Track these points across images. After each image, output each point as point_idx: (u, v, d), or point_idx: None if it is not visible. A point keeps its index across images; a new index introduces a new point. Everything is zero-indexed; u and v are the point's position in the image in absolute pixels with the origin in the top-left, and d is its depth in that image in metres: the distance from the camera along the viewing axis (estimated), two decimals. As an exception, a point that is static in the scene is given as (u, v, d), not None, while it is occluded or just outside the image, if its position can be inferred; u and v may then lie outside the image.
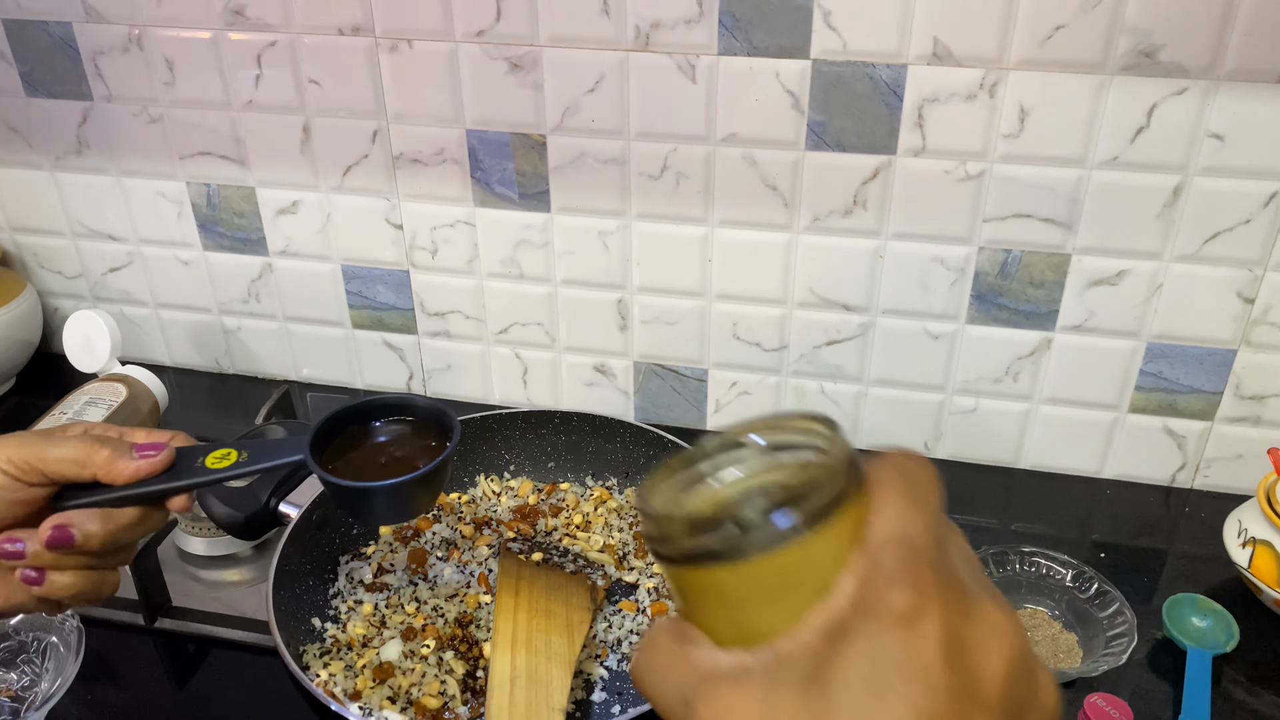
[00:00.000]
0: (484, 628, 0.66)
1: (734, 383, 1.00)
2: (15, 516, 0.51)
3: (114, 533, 0.52)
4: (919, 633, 0.27)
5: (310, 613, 0.68)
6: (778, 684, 0.28)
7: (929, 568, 0.28)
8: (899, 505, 0.29)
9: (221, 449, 0.56)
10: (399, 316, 1.05)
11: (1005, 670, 0.28)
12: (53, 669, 0.74)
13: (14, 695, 0.74)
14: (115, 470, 0.51)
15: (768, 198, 0.89)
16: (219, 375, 1.15)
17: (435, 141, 0.94)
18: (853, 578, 0.28)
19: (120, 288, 1.12)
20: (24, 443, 0.51)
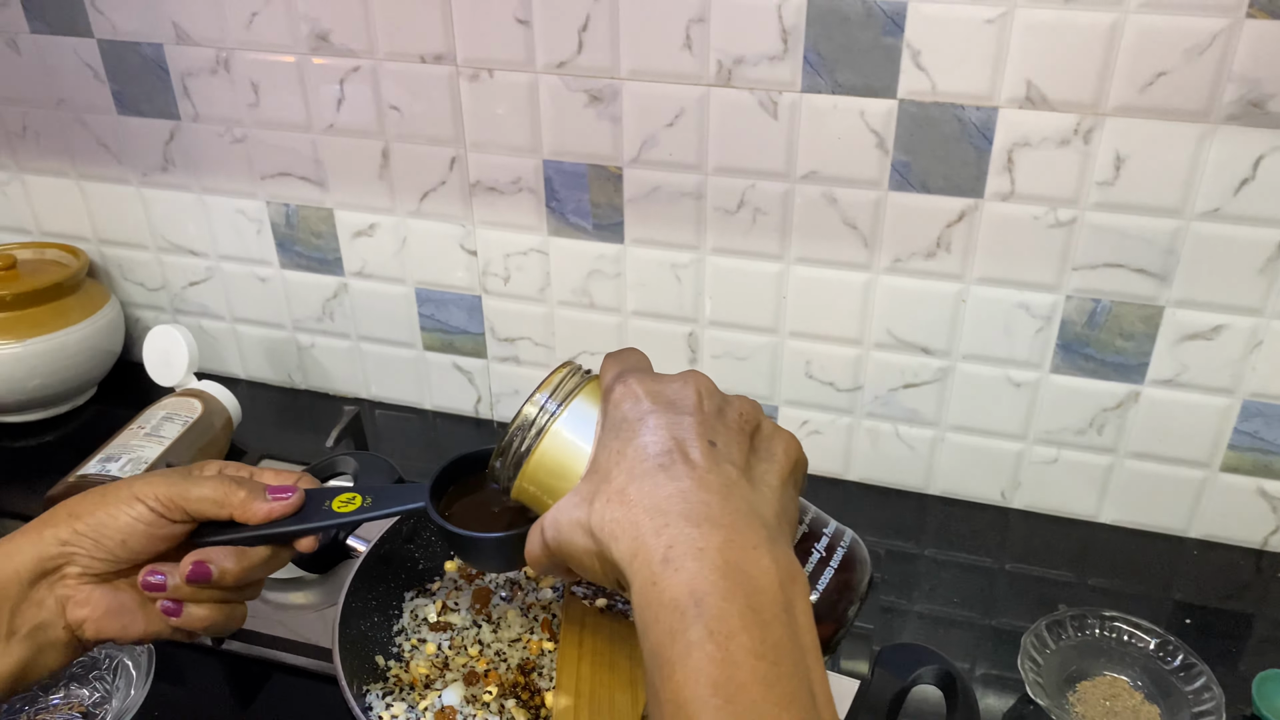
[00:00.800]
0: (547, 676, 0.65)
1: (805, 421, 0.98)
2: (156, 550, 0.55)
3: (247, 570, 0.56)
4: (628, 395, 0.47)
5: (374, 649, 0.68)
6: (583, 483, 0.46)
7: (632, 375, 0.48)
8: (613, 366, 0.50)
9: (347, 493, 0.58)
10: (469, 340, 1.05)
11: (694, 394, 0.46)
12: (123, 688, 0.75)
13: (85, 711, 0.75)
14: (250, 511, 0.56)
15: (847, 236, 0.87)
16: (291, 390, 1.16)
17: (512, 170, 0.94)
18: (599, 411, 0.49)
19: (199, 301, 1.14)
20: (169, 482, 0.55)
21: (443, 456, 1.06)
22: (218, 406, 1.01)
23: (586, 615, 0.69)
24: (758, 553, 0.40)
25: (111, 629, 0.55)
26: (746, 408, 0.47)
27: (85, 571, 0.54)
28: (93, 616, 0.54)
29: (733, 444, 0.45)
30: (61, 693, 0.76)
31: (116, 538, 0.54)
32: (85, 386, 1.12)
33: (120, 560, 0.55)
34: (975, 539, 0.94)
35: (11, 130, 1.09)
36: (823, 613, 0.49)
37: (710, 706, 0.36)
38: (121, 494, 0.55)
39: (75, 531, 0.54)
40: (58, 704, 0.75)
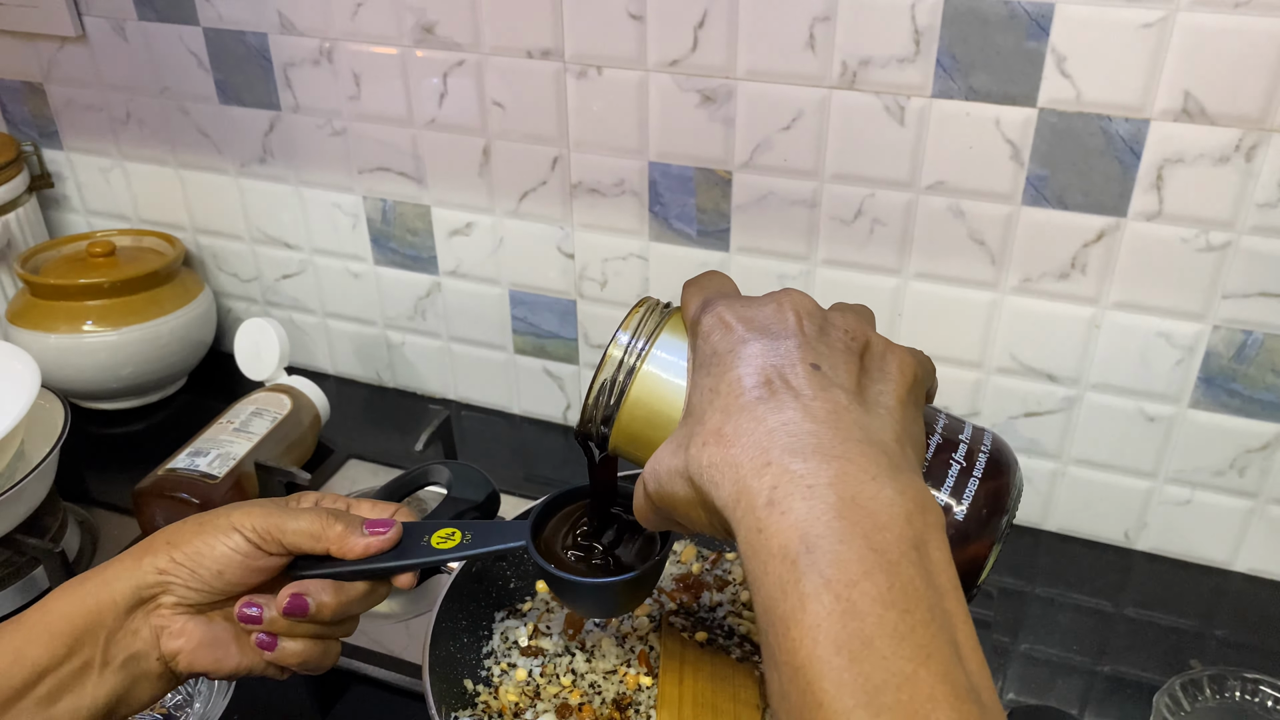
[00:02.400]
0: (644, 714, 0.61)
1: (913, 447, 0.92)
2: (252, 583, 0.54)
3: (344, 605, 0.54)
4: (718, 324, 0.42)
5: (463, 673, 0.65)
6: (680, 428, 0.42)
7: (718, 299, 0.44)
8: (696, 295, 0.46)
9: (446, 528, 0.56)
10: (562, 345, 1.02)
11: (793, 314, 0.41)
12: (205, 692, 0.73)
13: (166, 713, 0.74)
14: (348, 546, 0.54)
15: (973, 253, 0.82)
16: (379, 388, 1.14)
17: (615, 172, 0.90)
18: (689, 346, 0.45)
19: (291, 294, 1.12)
20: (267, 514, 0.53)
21: (529, 462, 1.04)
22: (306, 403, 0.99)
23: (686, 650, 0.65)
24: (877, 484, 0.35)
25: (205, 661, 0.53)
26: (852, 323, 0.42)
27: (181, 602, 0.52)
28: (187, 648, 0.52)
29: (839, 365, 0.40)
30: (144, 693, 0.74)
31: (213, 568, 0.52)
32: (177, 376, 1.11)
33: (216, 591, 0.53)
34: (1094, 581, 0.87)
35: (116, 117, 1.09)
36: (972, 531, 0.42)
37: (833, 668, 0.31)
38: (219, 523, 0.53)
39: (173, 560, 0.52)
40: (140, 704, 0.74)
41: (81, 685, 0.50)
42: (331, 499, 0.57)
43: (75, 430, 1.06)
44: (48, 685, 0.49)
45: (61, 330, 1.02)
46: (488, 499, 0.71)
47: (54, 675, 0.49)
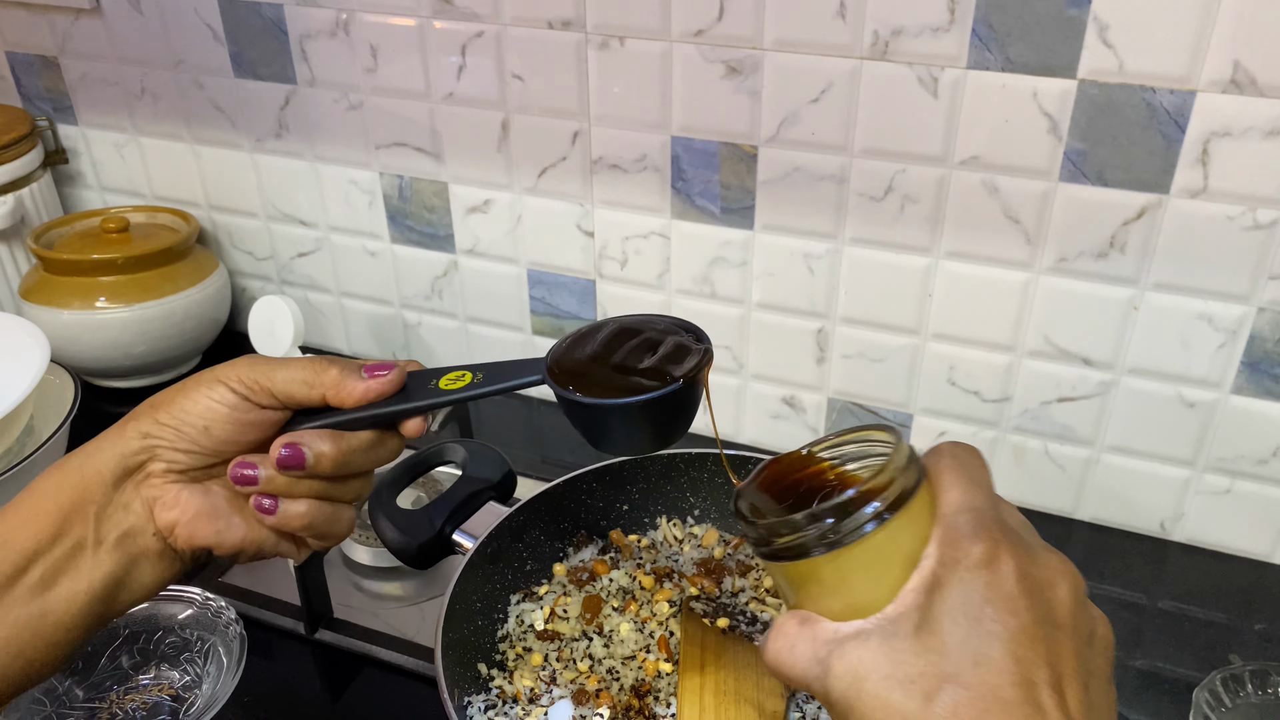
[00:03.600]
0: (664, 701, 0.59)
1: (942, 433, 0.90)
2: (247, 441, 0.50)
3: (346, 454, 0.50)
4: (998, 573, 0.34)
5: (477, 657, 0.63)
6: (894, 636, 0.35)
7: (996, 525, 0.36)
8: (961, 484, 0.37)
9: (455, 370, 0.52)
10: (581, 325, 1.00)
11: (1071, 598, 0.35)
12: (214, 673, 0.71)
13: (175, 694, 0.72)
14: (345, 390, 0.49)
15: (1008, 231, 0.79)
16: (394, 369, 1.12)
17: (637, 147, 0.88)
18: (936, 544, 0.36)
19: (306, 273, 1.10)
20: (253, 364, 0.50)
21: (546, 445, 1.02)
22: (321, 382, 0.97)
23: (707, 637, 0.62)
24: None
25: (205, 533, 0.49)
26: (1109, 635, 0.37)
27: (171, 467, 0.48)
28: (184, 519, 0.48)
29: (1101, 692, 0.35)
30: (152, 673, 0.73)
31: (199, 424, 0.48)
32: (191, 354, 1.10)
33: (206, 451, 0.49)
34: (1128, 572, 0.84)
35: (130, 92, 1.08)
36: None
37: None
38: (203, 378, 0.49)
39: (156, 422, 0.48)
40: (147, 684, 0.73)
41: (75, 568, 0.47)
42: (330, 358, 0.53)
43: (87, 408, 1.05)
44: (39, 570, 0.46)
45: (74, 306, 1.00)
46: (504, 479, 0.69)
47: (45, 559, 0.46)
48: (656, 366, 0.49)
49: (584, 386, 0.49)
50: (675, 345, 0.51)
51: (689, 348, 0.51)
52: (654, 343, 0.51)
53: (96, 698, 0.71)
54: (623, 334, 0.52)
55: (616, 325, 0.53)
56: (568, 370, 0.50)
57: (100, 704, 0.71)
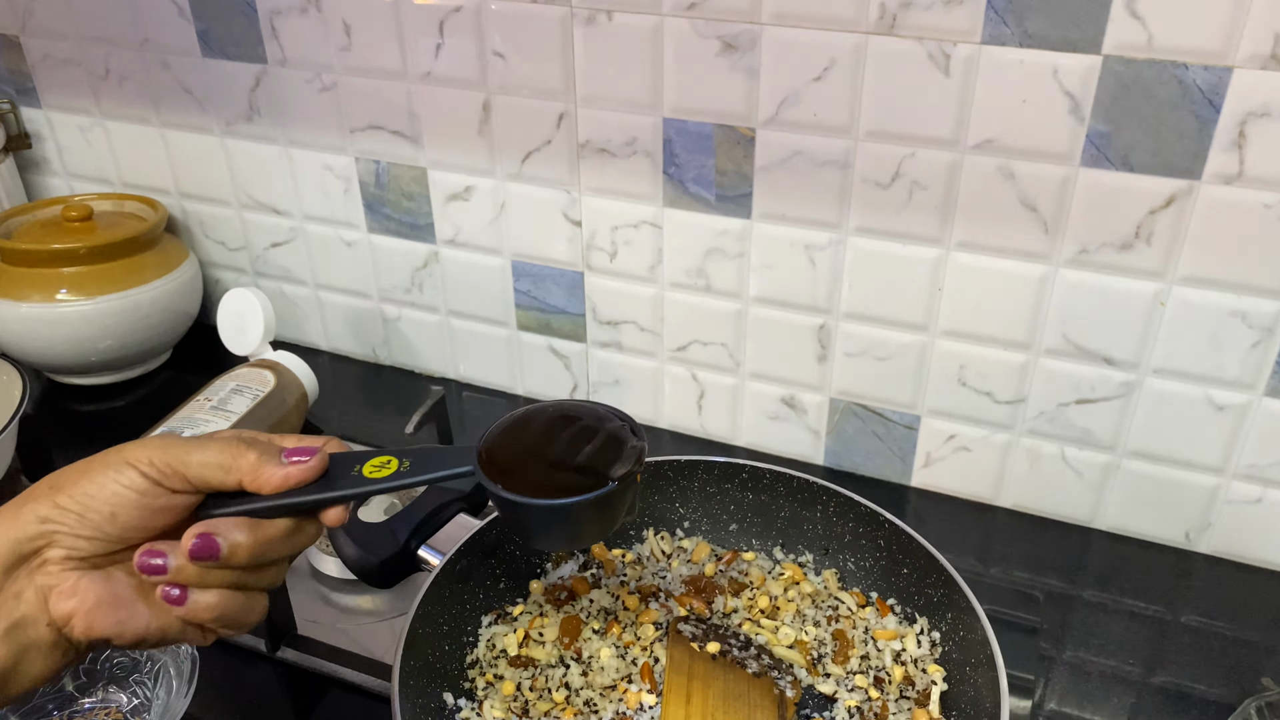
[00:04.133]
0: (646, 738, 0.54)
1: (951, 435, 0.84)
2: (156, 527, 0.46)
3: (263, 544, 0.46)
4: None
5: (443, 685, 0.58)
6: None
7: None
8: None
9: (380, 456, 0.48)
10: (568, 322, 0.94)
11: None
12: (164, 696, 0.66)
13: (122, 718, 0.67)
14: (262, 477, 0.46)
15: (1024, 220, 0.73)
16: (375, 365, 1.07)
17: (627, 130, 0.82)
18: None
19: (281, 264, 1.05)
20: (166, 446, 0.46)
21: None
22: (292, 380, 0.92)
23: (695, 664, 0.57)
24: None
25: (105, 624, 0.45)
26: None
27: (71, 555, 0.44)
28: (82, 609, 0.44)
29: None
30: (98, 695, 0.68)
31: (104, 510, 0.44)
32: (159, 350, 1.05)
33: (111, 539, 0.45)
34: (1149, 585, 0.79)
35: (95, 73, 1.02)
36: None
37: None
38: (110, 460, 0.45)
39: (56, 505, 0.44)
40: (92, 708, 0.67)
41: None
42: (253, 433, 0.49)
43: (49, 406, 1.00)
44: None
45: (34, 299, 0.95)
46: (476, 489, 0.63)
47: None
48: (589, 464, 0.48)
49: (516, 481, 0.47)
50: (610, 436, 0.50)
51: (624, 440, 0.50)
52: (589, 432, 0.50)
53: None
54: (557, 422, 0.51)
55: (550, 412, 0.52)
56: (500, 462, 0.49)
57: (42, 730, 0.66)
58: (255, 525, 0.46)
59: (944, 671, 0.60)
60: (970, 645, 0.57)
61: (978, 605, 0.57)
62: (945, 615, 0.61)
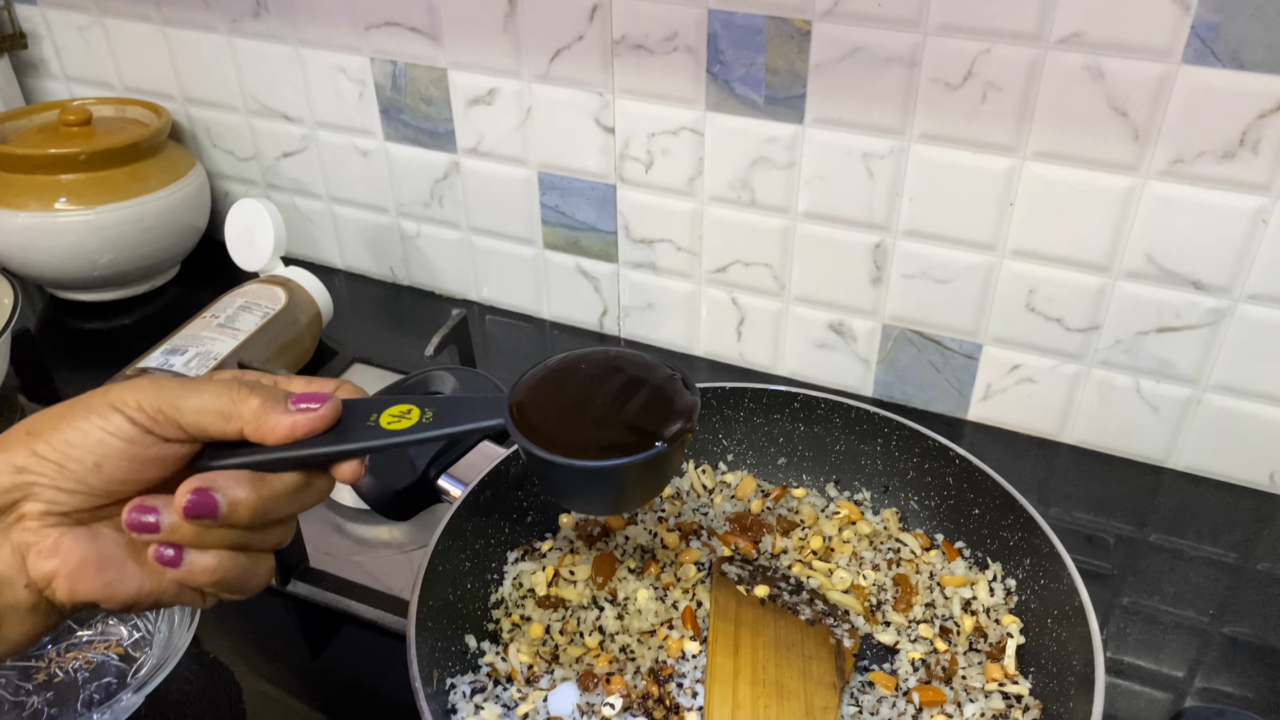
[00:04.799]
0: (689, 690, 0.48)
1: (1016, 365, 0.77)
2: (146, 479, 0.41)
3: (267, 501, 0.41)
4: None
5: (465, 626, 0.53)
6: None
7: None
8: None
9: (399, 405, 0.42)
10: (598, 240, 0.87)
11: None
12: (165, 631, 0.62)
13: (123, 653, 0.62)
14: (266, 425, 0.40)
15: (1112, 126, 0.65)
16: (393, 286, 1.01)
17: (667, 23, 0.74)
18: None
19: (293, 176, 0.98)
20: (158, 388, 0.40)
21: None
22: (305, 298, 0.86)
23: (743, 609, 0.51)
24: None
25: (91, 587, 0.40)
26: None
27: (51, 509, 0.39)
28: (64, 570, 0.39)
29: None
30: (97, 628, 0.63)
31: (87, 460, 0.39)
32: (166, 265, 0.99)
33: (96, 492, 0.40)
34: (1228, 530, 0.73)
35: (92, -36, 0.95)
36: None
37: None
38: (94, 404, 0.39)
39: (34, 454, 0.39)
40: (91, 640, 0.63)
41: None
42: (256, 375, 0.43)
43: (51, 323, 0.95)
44: None
45: (31, 208, 0.89)
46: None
47: None
48: (636, 421, 0.42)
49: (552, 438, 0.42)
50: (659, 389, 0.44)
51: (674, 395, 0.43)
52: (636, 384, 0.44)
53: (32, 655, 0.62)
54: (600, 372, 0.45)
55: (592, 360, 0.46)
56: (534, 415, 0.42)
57: (37, 663, 0.61)
58: (258, 480, 0.40)
59: (1020, 623, 0.54)
60: (1053, 595, 0.51)
61: (1063, 551, 0.51)
62: (1023, 561, 0.55)
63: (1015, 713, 0.50)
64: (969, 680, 0.51)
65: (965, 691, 0.50)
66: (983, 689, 0.51)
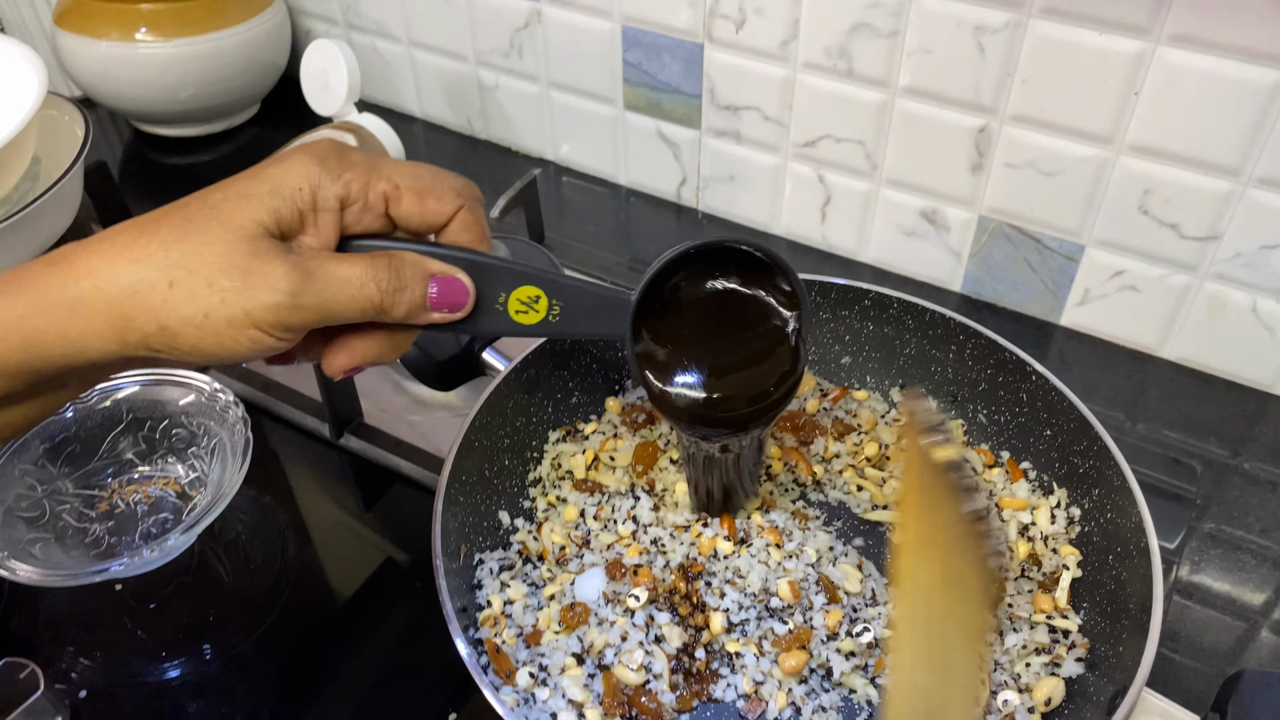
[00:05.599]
0: (716, 590, 0.47)
1: (1119, 271, 0.71)
2: None
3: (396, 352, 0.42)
4: None
5: (500, 503, 0.52)
6: None
7: None
8: None
9: (529, 287, 0.41)
10: (681, 103, 0.82)
11: None
12: (218, 471, 0.63)
13: (180, 491, 0.64)
14: (406, 317, 0.40)
15: (1264, 7, 0.57)
16: (470, 139, 0.98)
17: None
18: None
19: (375, 16, 0.95)
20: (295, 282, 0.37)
21: (632, 245, 0.87)
22: (375, 147, 0.84)
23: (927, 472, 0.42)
24: None
25: None
26: None
27: None
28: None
29: None
30: (157, 465, 0.65)
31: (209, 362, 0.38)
32: (245, 103, 0.98)
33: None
34: (1332, 466, 0.67)
35: None
36: None
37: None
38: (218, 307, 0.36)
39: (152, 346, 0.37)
40: (152, 476, 0.65)
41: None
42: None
43: (132, 156, 0.95)
44: None
45: (112, 37, 0.88)
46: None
47: None
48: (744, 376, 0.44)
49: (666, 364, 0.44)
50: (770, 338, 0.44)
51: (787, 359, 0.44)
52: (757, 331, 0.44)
53: (96, 484, 0.64)
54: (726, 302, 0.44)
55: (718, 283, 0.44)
56: (657, 325, 0.43)
57: (99, 492, 0.64)
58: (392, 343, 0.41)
59: (1079, 555, 0.51)
60: (1118, 531, 0.48)
61: (1135, 486, 0.47)
62: (1090, 491, 0.51)
63: (1060, 649, 0.47)
64: (1015, 609, 0.48)
65: (1010, 620, 0.48)
66: (1029, 619, 0.48)
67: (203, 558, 0.62)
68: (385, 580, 0.59)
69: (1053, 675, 0.46)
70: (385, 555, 0.61)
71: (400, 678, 0.53)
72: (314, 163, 0.38)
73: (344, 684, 0.53)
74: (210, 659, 0.57)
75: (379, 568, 0.60)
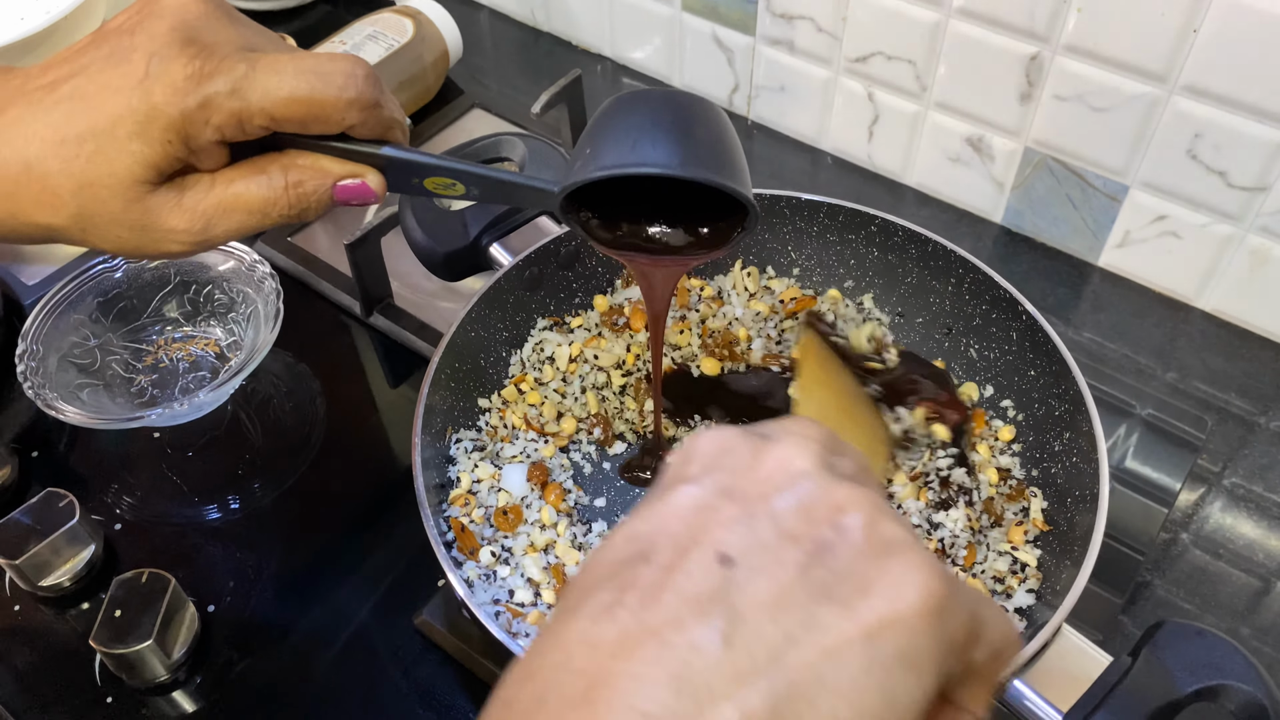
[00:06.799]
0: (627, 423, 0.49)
1: (1161, 216, 0.69)
2: None
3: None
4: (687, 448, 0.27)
5: (484, 391, 0.55)
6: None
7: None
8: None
9: (444, 177, 0.41)
10: (738, 8, 0.81)
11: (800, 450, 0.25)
12: (252, 334, 0.67)
13: (219, 352, 0.69)
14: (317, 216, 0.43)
15: (1340, -51, 0.53)
16: (532, 30, 0.98)
17: None
18: None
19: (446, -102, 0.95)
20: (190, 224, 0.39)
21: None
22: (433, 34, 0.85)
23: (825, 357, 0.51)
24: None
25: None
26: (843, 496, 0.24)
27: None
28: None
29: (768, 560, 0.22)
30: (199, 326, 0.70)
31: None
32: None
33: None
34: (1362, 433, 0.65)
35: None
36: None
37: None
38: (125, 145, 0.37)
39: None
40: (194, 336, 0.70)
41: None
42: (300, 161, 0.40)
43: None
44: None
45: (191, -93, 0.90)
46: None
47: None
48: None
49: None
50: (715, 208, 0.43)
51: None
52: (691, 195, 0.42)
53: (144, 340, 0.69)
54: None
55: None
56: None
57: (146, 347, 0.69)
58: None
59: (1044, 502, 0.52)
60: (1080, 476, 0.48)
61: (1100, 433, 0.47)
62: (1063, 434, 0.51)
63: (1013, 580, 0.49)
64: (989, 541, 0.50)
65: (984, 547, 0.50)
66: (994, 548, 0.50)
67: (235, 417, 0.67)
68: (405, 455, 0.62)
69: (1003, 604, 0.48)
70: (406, 432, 0.65)
71: (403, 548, 0.57)
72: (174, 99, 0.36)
73: (350, 548, 0.58)
74: (234, 508, 0.63)
75: (398, 443, 0.64)
